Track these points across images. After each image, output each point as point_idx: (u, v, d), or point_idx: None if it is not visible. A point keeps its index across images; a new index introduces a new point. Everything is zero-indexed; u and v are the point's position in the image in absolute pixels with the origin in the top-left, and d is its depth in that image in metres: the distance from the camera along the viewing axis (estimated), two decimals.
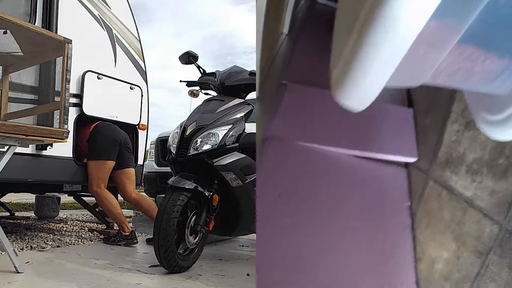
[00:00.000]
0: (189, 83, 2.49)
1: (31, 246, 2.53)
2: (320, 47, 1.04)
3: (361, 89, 0.61)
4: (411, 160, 1.18)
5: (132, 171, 2.96)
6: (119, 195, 3.12)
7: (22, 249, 2.44)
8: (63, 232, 3.26)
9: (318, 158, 1.04)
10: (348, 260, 1.08)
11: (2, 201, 4.21)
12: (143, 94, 3.38)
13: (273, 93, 1.10)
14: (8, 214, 4.12)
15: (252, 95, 2.41)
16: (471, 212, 0.96)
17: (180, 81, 2.56)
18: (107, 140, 2.81)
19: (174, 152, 2.14)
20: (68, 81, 1.89)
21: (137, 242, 2.81)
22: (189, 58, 2.42)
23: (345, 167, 1.11)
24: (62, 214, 4.67)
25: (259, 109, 1.14)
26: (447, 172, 1.05)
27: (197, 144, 2.04)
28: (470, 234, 0.96)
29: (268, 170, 0.98)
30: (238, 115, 2.17)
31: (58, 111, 1.90)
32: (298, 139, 1.00)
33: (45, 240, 2.75)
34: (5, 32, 1.85)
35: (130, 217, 4.02)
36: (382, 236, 1.15)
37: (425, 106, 1.19)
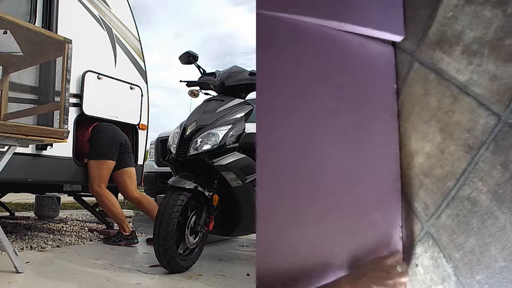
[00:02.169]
0: (189, 83, 2.49)
1: (31, 246, 2.53)
2: None
3: None
4: (397, 38, 1.05)
5: (133, 170, 2.97)
6: (119, 195, 3.12)
7: (22, 249, 2.44)
8: (63, 232, 3.26)
9: (303, 32, 0.93)
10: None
11: (2, 201, 4.21)
12: (143, 94, 3.38)
13: None
14: (8, 214, 4.12)
15: (252, 95, 2.41)
16: (464, 100, 0.83)
17: (180, 81, 2.55)
18: (107, 140, 2.82)
19: (174, 152, 2.14)
20: (68, 81, 1.89)
21: (137, 242, 2.81)
22: (189, 58, 2.41)
23: (331, 42, 0.99)
24: (62, 214, 4.67)
25: None
26: (438, 53, 0.91)
27: (197, 144, 2.04)
28: (460, 125, 0.83)
29: (261, 47, 0.87)
30: (238, 115, 2.17)
31: (58, 111, 1.90)
32: (281, 10, 0.89)
33: (45, 240, 2.75)
34: (5, 32, 1.85)
35: (130, 217, 4.02)
36: (369, 125, 1.03)
37: None
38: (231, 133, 2.08)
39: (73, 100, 2.74)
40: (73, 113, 2.75)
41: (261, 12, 0.88)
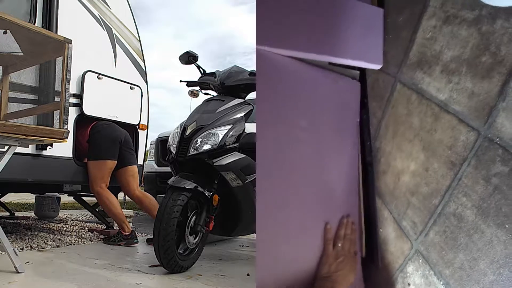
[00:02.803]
0: (189, 83, 2.49)
1: (31, 246, 2.53)
2: None
3: None
4: (376, 67, 1.09)
5: (134, 168, 2.96)
6: (119, 195, 3.12)
7: (22, 249, 2.44)
8: (63, 232, 3.26)
9: (278, 65, 0.98)
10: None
11: (2, 201, 4.21)
12: (143, 94, 3.38)
13: None
14: (8, 214, 4.12)
15: (252, 95, 2.41)
16: (445, 118, 0.84)
17: (180, 81, 2.55)
18: (106, 139, 2.81)
19: (174, 152, 2.14)
20: (68, 81, 1.89)
21: (137, 242, 2.81)
22: (189, 58, 2.41)
23: (303, 76, 1.05)
24: (62, 214, 4.67)
25: None
26: (419, 74, 0.93)
27: (197, 144, 2.04)
28: (442, 143, 0.85)
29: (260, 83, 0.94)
30: (238, 115, 2.17)
31: (58, 111, 1.90)
32: (263, 43, 0.92)
33: (45, 240, 2.75)
34: (5, 32, 1.85)
35: (130, 217, 4.02)
36: (334, 157, 1.10)
37: (398, 3, 1.06)
38: (231, 133, 2.08)
39: (73, 100, 2.74)
40: (73, 113, 2.75)
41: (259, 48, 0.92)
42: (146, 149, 3.64)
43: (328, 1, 0.99)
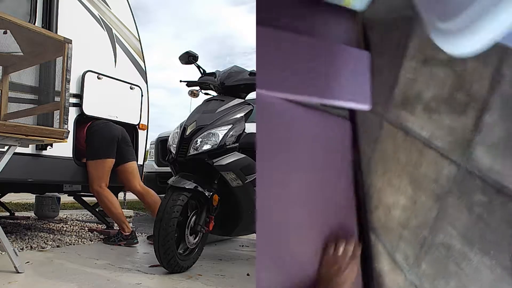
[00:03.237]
0: (189, 83, 2.49)
1: (31, 246, 2.53)
2: None
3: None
4: (364, 108, 1.15)
5: (133, 164, 2.96)
6: (119, 195, 3.11)
7: (22, 249, 2.44)
8: (63, 232, 3.26)
9: (276, 106, 1.05)
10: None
11: (2, 201, 4.21)
12: (143, 94, 3.38)
13: None
14: (8, 214, 4.12)
15: (252, 95, 2.41)
16: (428, 153, 0.90)
17: (180, 81, 2.55)
18: (103, 138, 2.80)
19: (174, 152, 2.14)
20: (68, 81, 1.89)
21: (137, 242, 2.81)
22: (189, 58, 2.41)
23: (296, 119, 1.12)
24: (62, 214, 4.67)
25: None
26: (403, 113, 0.99)
27: (197, 144, 2.04)
28: (427, 177, 0.90)
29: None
30: (238, 115, 2.17)
31: (58, 111, 1.90)
32: (263, 87, 0.99)
33: (45, 240, 2.75)
34: (5, 32, 1.85)
35: (130, 217, 4.02)
36: (330, 194, 1.16)
37: (382, 46, 1.12)
38: (231, 133, 2.08)
39: (73, 100, 2.74)
40: (73, 113, 2.74)
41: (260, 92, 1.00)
42: (146, 149, 3.64)
43: (320, 46, 1.08)
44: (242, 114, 2.19)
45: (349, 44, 1.15)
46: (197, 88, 2.49)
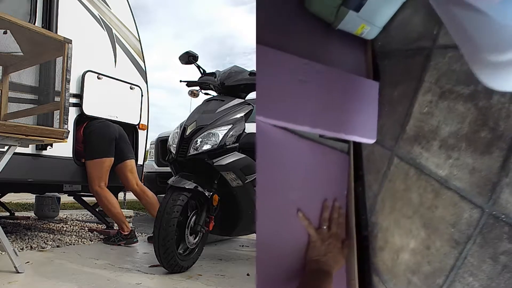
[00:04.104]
0: (189, 83, 2.49)
1: (31, 246, 2.53)
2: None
3: None
4: (370, 141, 1.10)
5: (131, 162, 2.95)
6: (119, 195, 3.11)
7: (22, 249, 2.44)
8: (63, 232, 3.26)
9: (275, 136, 1.02)
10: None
11: (2, 201, 4.21)
12: (143, 94, 3.38)
13: None
14: (8, 214, 4.12)
15: (252, 95, 2.41)
16: (446, 194, 0.83)
17: (180, 81, 2.55)
18: (101, 138, 2.80)
19: (174, 152, 2.14)
20: (68, 81, 1.89)
21: (137, 241, 2.81)
22: (189, 58, 2.41)
23: (294, 151, 1.09)
24: (62, 214, 4.67)
25: None
26: (416, 148, 0.92)
27: (197, 144, 2.04)
28: (444, 220, 0.83)
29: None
30: (238, 115, 2.17)
31: (58, 111, 1.90)
32: (262, 114, 0.96)
33: (45, 240, 2.75)
34: (5, 32, 1.85)
35: (130, 217, 4.02)
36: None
37: (394, 77, 1.06)
38: (231, 133, 2.08)
39: (73, 100, 2.74)
40: (73, 113, 2.74)
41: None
42: (146, 149, 3.64)
43: (325, 74, 1.02)
44: (242, 114, 2.19)
45: (357, 73, 1.10)
46: (197, 88, 2.49)
